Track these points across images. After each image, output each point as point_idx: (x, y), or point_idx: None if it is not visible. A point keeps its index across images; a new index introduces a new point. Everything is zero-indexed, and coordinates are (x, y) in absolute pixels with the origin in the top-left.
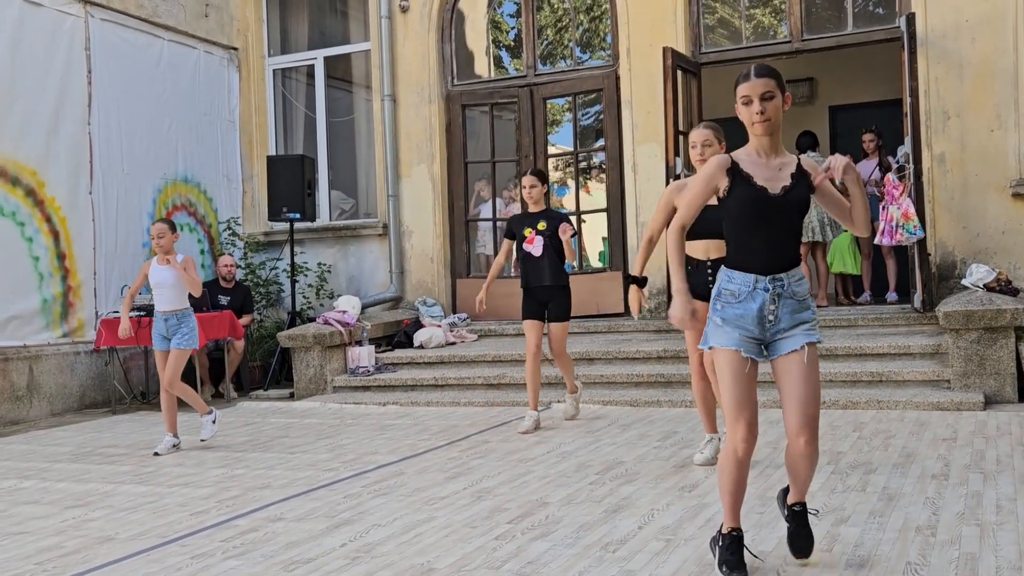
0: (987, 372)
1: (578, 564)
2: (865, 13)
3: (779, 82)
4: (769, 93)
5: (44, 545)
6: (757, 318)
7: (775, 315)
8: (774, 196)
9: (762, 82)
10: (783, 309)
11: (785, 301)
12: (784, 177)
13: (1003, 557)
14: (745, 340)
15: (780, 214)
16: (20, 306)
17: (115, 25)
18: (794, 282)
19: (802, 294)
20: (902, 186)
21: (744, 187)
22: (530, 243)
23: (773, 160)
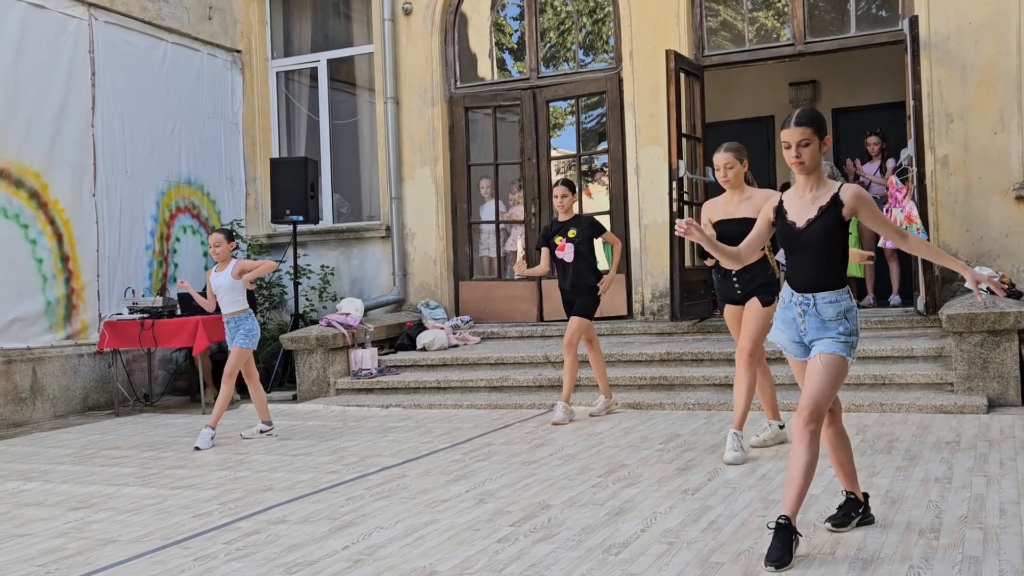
0: (990, 375)
1: (580, 567)
2: (868, 16)
3: (816, 128)
4: (805, 141)
5: (47, 547)
6: (793, 324)
7: (804, 327)
8: (799, 229)
9: (799, 131)
10: (809, 324)
11: (810, 319)
12: (812, 211)
13: (1006, 560)
14: (790, 343)
15: (803, 243)
16: (24, 308)
17: (119, 28)
18: (822, 303)
19: (830, 315)
20: (905, 189)
21: (781, 221)
22: (561, 250)
23: (808, 195)
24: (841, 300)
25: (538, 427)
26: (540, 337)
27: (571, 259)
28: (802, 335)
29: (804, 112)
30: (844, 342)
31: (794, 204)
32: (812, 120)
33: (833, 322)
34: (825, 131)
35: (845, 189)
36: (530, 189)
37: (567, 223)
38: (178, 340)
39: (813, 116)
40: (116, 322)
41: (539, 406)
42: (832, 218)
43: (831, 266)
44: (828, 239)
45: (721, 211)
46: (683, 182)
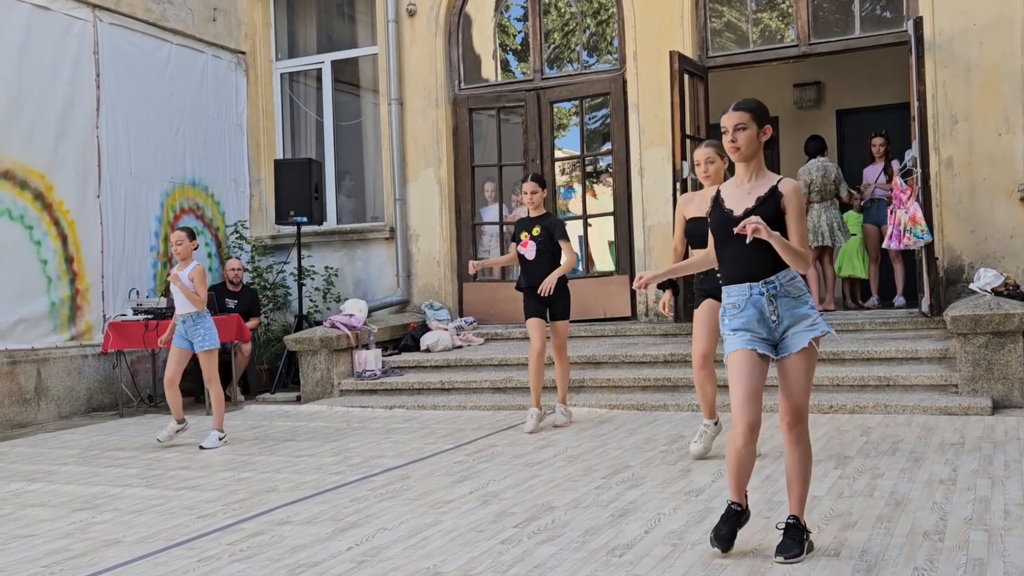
0: (995, 377)
1: (584, 568)
2: (872, 17)
3: (755, 115)
4: (742, 125)
5: (51, 548)
6: (760, 319)
7: (777, 314)
8: (735, 218)
9: (736, 115)
10: (783, 308)
11: (783, 300)
12: (750, 200)
13: (1011, 563)
14: (756, 340)
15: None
16: (28, 309)
17: (123, 29)
18: (786, 282)
19: (796, 292)
20: (909, 190)
21: (717, 210)
22: (524, 247)
23: (746, 184)
24: (797, 276)
25: (542, 428)
26: None
27: (532, 257)
28: (774, 325)
29: (743, 99)
30: (818, 317)
31: (732, 194)
32: (750, 106)
33: (803, 296)
34: (766, 120)
35: (785, 182)
36: None
37: (535, 220)
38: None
39: (752, 102)
40: (120, 323)
41: (543, 407)
42: (770, 208)
43: (773, 253)
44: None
45: (696, 208)
46: (687, 183)
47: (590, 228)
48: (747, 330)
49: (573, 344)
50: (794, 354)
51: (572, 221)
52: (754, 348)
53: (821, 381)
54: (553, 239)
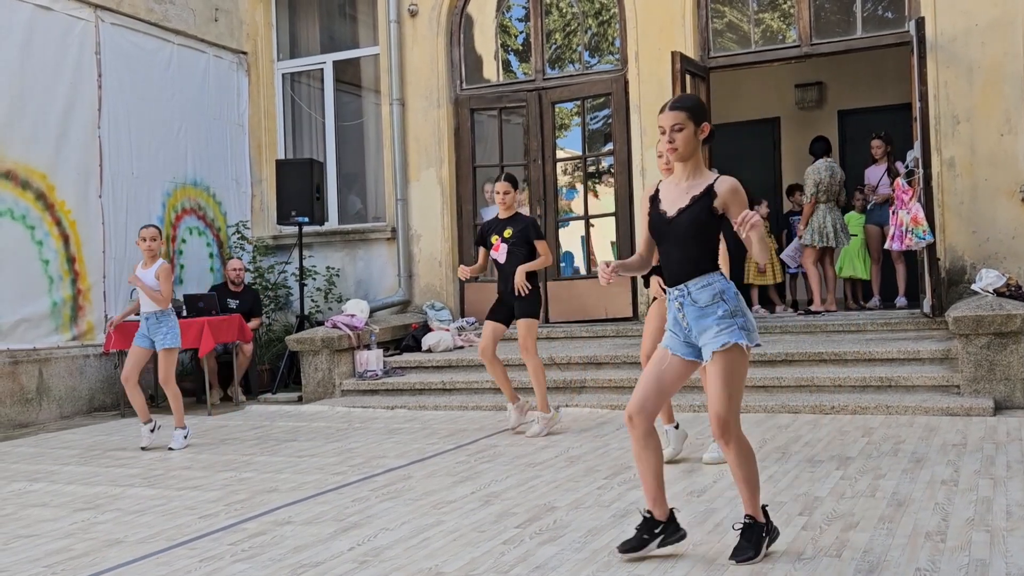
0: (997, 377)
1: (586, 569)
2: (874, 17)
3: (692, 114)
4: (679, 125)
5: (53, 548)
6: (676, 322)
7: (685, 321)
8: (669, 218)
9: (673, 115)
10: (689, 315)
11: (688, 308)
12: (685, 200)
13: (1013, 563)
14: (674, 340)
15: (672, 233)
16: (30, 309)
17: (125, 29)
18: (695, 290)
19: (705, 300)
20: (911, 191)
21: (654, 210)
22: (496, 251)
23: (683, 184)
24: (714, 282)
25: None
26: (545, 339)
27: (504, 260)
28: (686, 331)
29: (681, 96)
30: (729, 327)
31: (669, 193)
32: (687, 105)
33: (710, 307)
34: (703, 118)
35: (721, 181)
36: (535, 191)
37: (504, 222)
38: (184, 341)
39: (688, 101)
40: (122, 323)
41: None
42: (703, 208)
43: (701, 256)
44: (697, 229)
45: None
46: None
47: (592, 228)
48: (671, 330)
49: (575, 344)
50: (707, 364)
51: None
52: (667, 348)
53: (822, 382)
54: (527, 240)
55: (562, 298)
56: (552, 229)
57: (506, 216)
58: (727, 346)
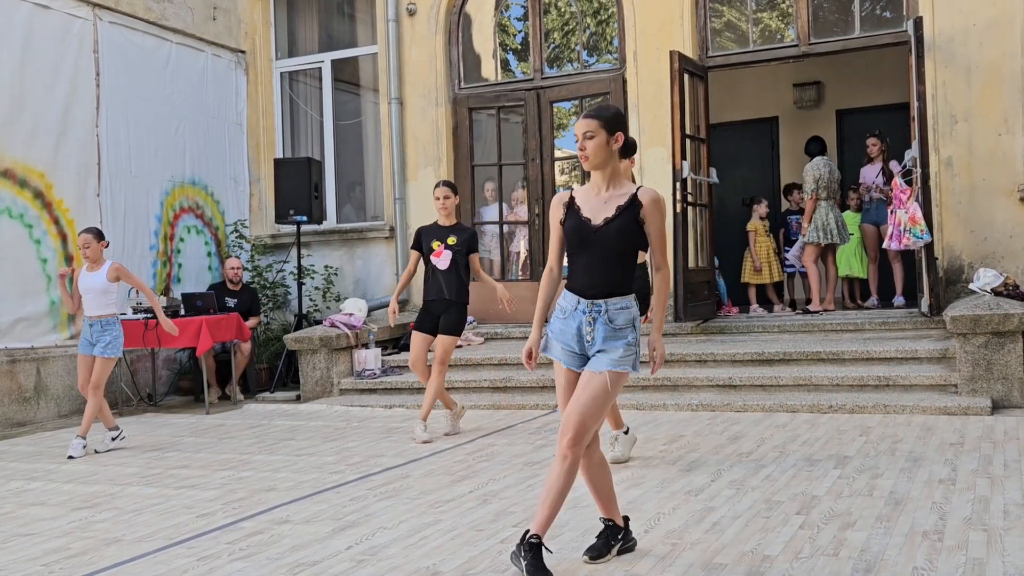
0: (994, 377)
1: (583, 568)
2: (872, 17)
3: (604, 122)
4: (590, 133)
5: (51, 547)
6: (576, 335)
7: (592, 336)
8: (594, 227)
9: (584, 123)
10: (599, 333)
11: (600, 326)
12: (609, 209)
13: (1010, 563)
14: (567, 354)
15: (598, 243)
16: (28, 308)
17: (123, 28)
18: (614, 310)
19: (620, 323)
20: (909, 190)
21: (573, 218)
22: (437, 256)
23: (604, 193)
24: (631, 307)
25: (541, 428)
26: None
27: (445, 267)
28: (588, 344)
29: (598, 106)
30: (632, 355)
31: (588, 201)
32: (599, 114)
33: (624, 330)
34: (617, 127)
35: (644, 192)
36: (534, 190)
37: (448, 229)
38: (182, 340)
39: (602, 110)
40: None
41: (542, 407)
42: (630, 218)
43: (624, 270)
44: (625, 241)
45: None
46: (687, 183)
47: None
48: (562, 341)
49: None
50: (592, 372)
51: None
52: (562, 362)
53: (820, 381)
54: (470, 251)
55: None
56: None
57: (447, 224)
58: (623, 372)
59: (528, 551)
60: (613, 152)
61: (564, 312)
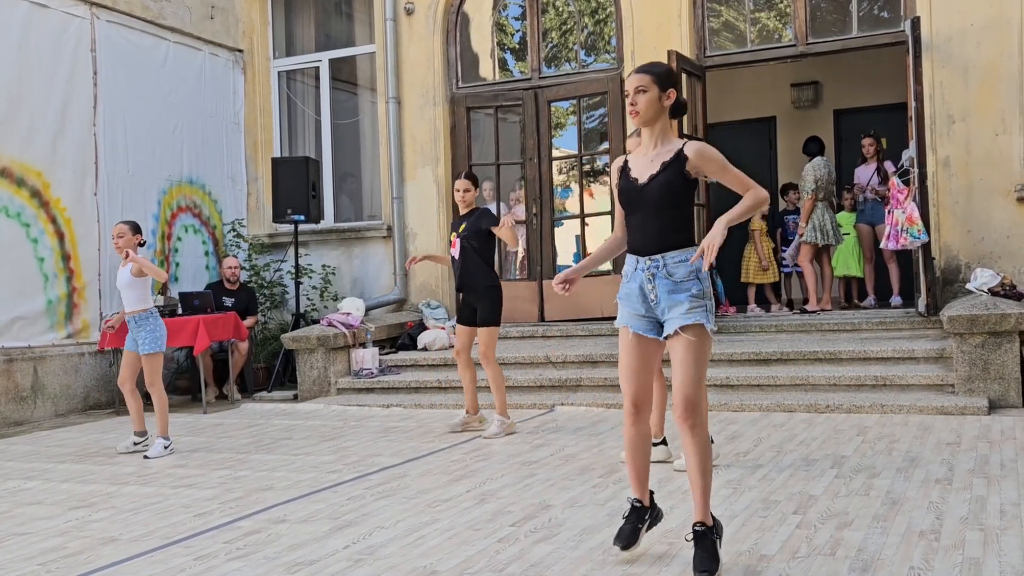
0: (991, 376)
1: (581, 567)
2: (870, 17)
3: (657, 78)
4: (642, 87)
5: (47, 546)
6: (640, 296)
7: (655, 294)
8: (640, 185)
9: (636, 77)
10: (660, 288)
11: (661, 281)
12: (655, 166)
13: (1007, 562)
14: (633, 317)
15: (643, 200)
16: (25, 307)
17: (121, 27)
18: (672, 263)
19: (681, 275)
20: (907, 190)
21: (624, 179)
22: (453, 247)
23: (651, 152)
24: (688, 261)
25: (539, 427)
26: (541, 337)
27: (458, 255)
28: (653, 304)
29: (650, 62)
30: (700, 307)
31: (638, 161)
32: (652, 69)
33: (685, 283)
34: (669, 84)
35: (690, 145)
36: (532, 189)
37: (462, 219)
38: (179, 339)
39: (655, 65)
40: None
41: (540, 406)
42: (675, 173)
43: (678, 224)
44: (671, 195)
45: None
46: None
47: (587, 227)
48: (628, 304)
49: (571, 343)
50: (672, 339)
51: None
52: (628, 326)
53: (817, 381)
54: (479, 230)
55: (557, 297)
56: (548, 228)
57: (465, 212)
58: (697, 324)
59: (697, 539)
60: (664, 108)
61: (627, 276)
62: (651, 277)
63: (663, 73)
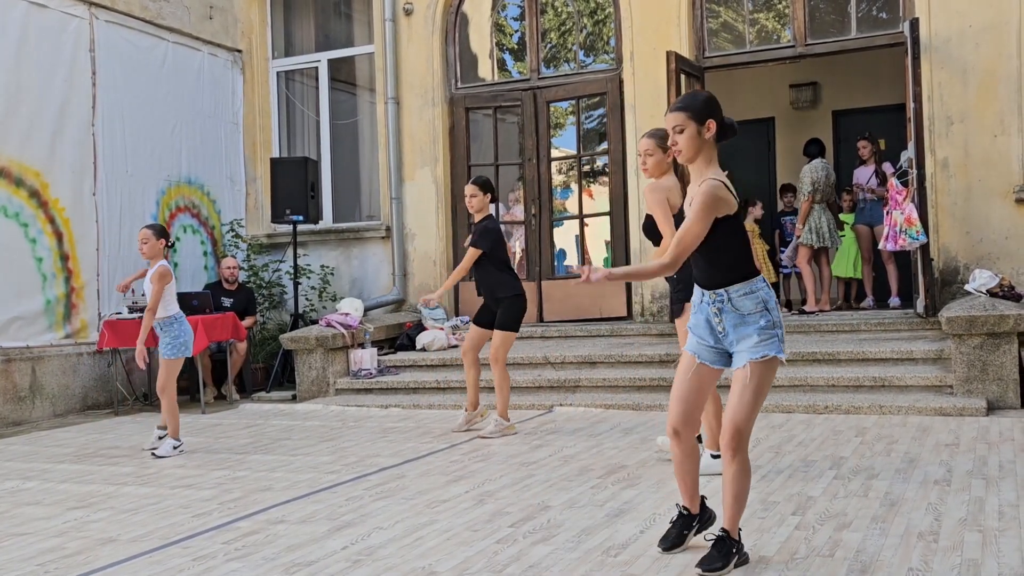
0: (990, 378)
1: (579, 568)
2: (869, 18)
3: (692, 113)
4: (679, 127)
5: (46, 546)
6: (707, 328)
7: (722, 326)
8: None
9: (670, 117)
10: (727, 322)
11: (728, 315)
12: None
13: (1005, 564)
14: (702, 347)
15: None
16: (23, 307)
17: (120, 27)
18: (737, 297)
19: (747, 309)
20: (905, 191)
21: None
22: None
23: (695, 187)
24: (757, 290)
25: (537, 428)
26: (540, 338)
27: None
28: (721, 336)
29: (683, 96)
30: (770, 339)
31: (690, 194)
32: (686, 104)
33: (753, 315)
34: (706, 114)
35: (706, 182)
36: (530, 190)
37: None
38: None
39: (688, 100)
40: (115, 321)
41: (538, 407)
42: None
43: (727, 257)
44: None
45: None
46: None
47: (586, 228)
48: (696, 334)
49: (569, 344)
50: (736, 371)
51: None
52: (693, 353)
53: (816, 382)
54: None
55: (556, 297)
56: (547, 228)
57: (478, 219)
58: (766, 358)
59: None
60: (706, 141)
61: (695, 306)
62: (717, 311)
63: (698, 106)
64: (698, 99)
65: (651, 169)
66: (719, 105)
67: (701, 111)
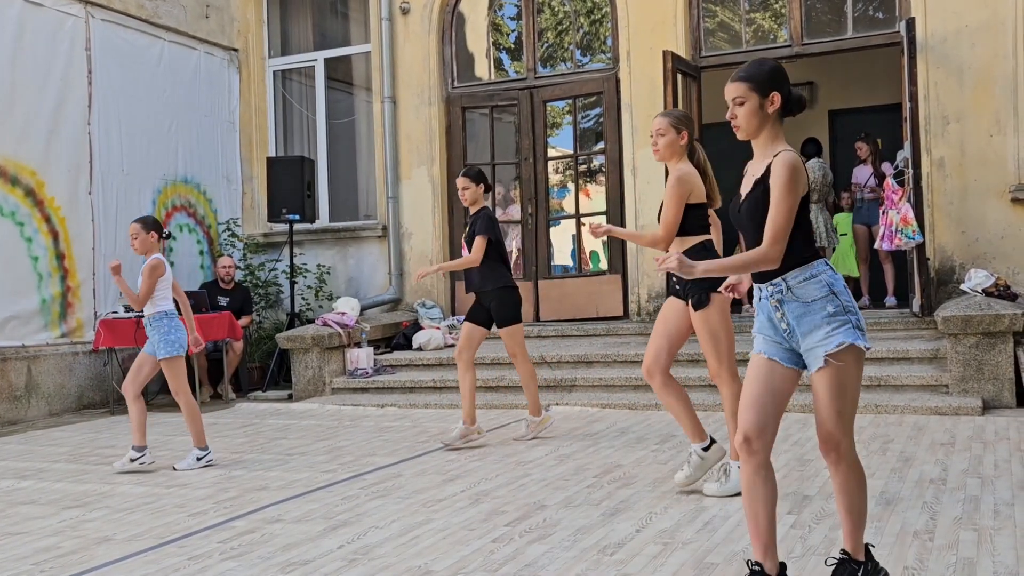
0: (985, 377)
1: (576, 567)
2: (865, 17)
3: (755, 84)
4: (739, 99)
5: (41, 545)
6: (771, 325)
7: (786, 321)
8: (739, 204)
9: (731, 87)
10: (791, 313)
11: (789, 306)
12: (749, 184)
13: (1000, 562)
14: (769, 343)
15: (741, 223)
16: (19, 306)
17: (116, 26)
18: (796, 284)
19: (810, 295)
20: (901, 191)
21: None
22: (463, 249)
23: (755, 165)
24: (819, 273)
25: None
26: (536, 337)
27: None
28: (787, 335)
29: (746, 64)
30: (843, 325)
31: (746, 178)
32: (750, 74)
33: (817, 302)
34: (771, 86)
35: (780, 155)
36: (527, 189)
37: (469, 219)
38: None
39: (753, 69)
40: (111, 320)
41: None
42: (760, 191)
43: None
44: (759, 217)
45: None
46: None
47: (583, 227)
48: (762, 333)
49: (565, 343)
50: (813, 373)
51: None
52: (761, 352)
53: None
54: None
55: (552, 297)
56: (543, 228)
57: (472, 212)
58: (843, 346)
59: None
60: (768, 115)
61: (757, 309)
62: (777, 304)
63: (763, 77)
64: (764, 68)
65: (662, 150)
66: (787, 76)
67: (765, 82)
